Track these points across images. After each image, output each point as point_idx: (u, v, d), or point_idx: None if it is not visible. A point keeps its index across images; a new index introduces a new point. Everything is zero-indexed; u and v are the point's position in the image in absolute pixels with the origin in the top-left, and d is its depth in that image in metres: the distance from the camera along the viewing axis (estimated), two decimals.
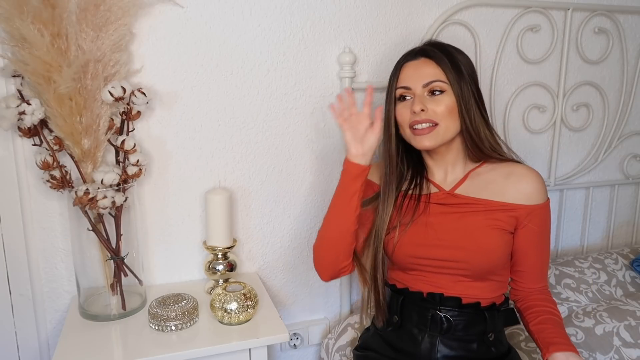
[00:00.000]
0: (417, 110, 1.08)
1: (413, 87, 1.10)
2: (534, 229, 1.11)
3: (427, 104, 1.08)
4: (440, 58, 1.09)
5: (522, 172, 1.12)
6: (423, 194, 1.16)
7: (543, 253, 1.15)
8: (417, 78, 1.10)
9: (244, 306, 1.15)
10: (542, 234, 1.14)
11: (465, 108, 1.09)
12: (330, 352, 1.40)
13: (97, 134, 1.14)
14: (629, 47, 1.69)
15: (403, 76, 1.13)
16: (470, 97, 1.09)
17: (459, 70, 1.09)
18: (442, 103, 1.08)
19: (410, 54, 1.14)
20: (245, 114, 1.34)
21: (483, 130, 1.12)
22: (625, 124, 1.75)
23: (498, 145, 1.15)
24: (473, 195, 1.12)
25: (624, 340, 1.26)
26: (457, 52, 1.13)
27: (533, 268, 1.15)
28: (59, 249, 1.26)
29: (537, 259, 1.14)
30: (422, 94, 1.09)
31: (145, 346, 1.08)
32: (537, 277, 1.16)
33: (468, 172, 1.16)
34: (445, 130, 1.09)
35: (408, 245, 1.12)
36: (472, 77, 1.12)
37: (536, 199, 1.10)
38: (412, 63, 1.12)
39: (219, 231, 1.28)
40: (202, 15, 1.26)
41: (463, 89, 1.08)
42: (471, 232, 1.08)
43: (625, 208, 1.85)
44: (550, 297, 1.17)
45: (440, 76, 1.09)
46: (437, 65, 1.09)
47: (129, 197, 1.18)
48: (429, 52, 1.11)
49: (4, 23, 1.03)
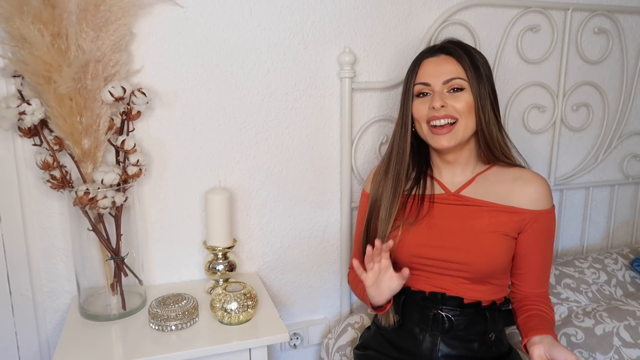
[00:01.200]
0: (437, 106, 1.07)
1: (433, 83, 1.10)
2: (537, 234, 1.10)
3: (447, 100, 1.08)
4: (461, 56, 1.09)
5: (529, 177, 1.12)
6: (427, 194, 1.16)
7: (545, 259, 1.15)
8: (437, 74, 1.09)
9: (244, 306, 1.15)
10: (545, 240, 1.13)
11: (482, 108, 1.09)
12: (330, 352, 1.40)
13: (97, 134, 1.14)
14: (628, 47, 1.69)
15: (422, 72, 1.12)
16: (486, 97, 1.09)
17: (478, 69, 1.09)
18: (462, 99, 1.08)
19: (429, 51, 1.14)
20: (245, 114, 1.34)
21: (496, 132, 1.12)
22: (625, 124, 1.75)
23: (508, 149, 1.15)
24: (479, 197, 1.12)
25: (623, 340, 1.26)
26: (476, 52, 1.13)
27: (533, 273, 1.14)
28: (59, 249, 1.26)
29: (538, 264, 1.14)
30: (442, 91, 1.09)
31: (145, 346, 1.08)
32: (537, 283, 1.15)
33: (476, 174, 1.16)
34: (464, 128, 1.09)
35: (411, 245, 1.12)
36: (489, 77, 1.12)
37: (542, 204, 1.10)
38: (432, 59, 1.12)
39: (219, 231, 1.28)
40: (202, 15, 1.26)
41: (480, 88, 1.08)
42: (475, 235, 1.08)
43: (625, 208, 1.85)
44: (548, 303, 1.16)
45: (460, 73, 1.08)
46: (457, 62, 1.09)
47: (129, 197, 1.18)
48: (449, 49, 1.11)
49: (4, 23, 1.03)
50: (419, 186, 1.17)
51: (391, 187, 1.15)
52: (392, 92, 1.46)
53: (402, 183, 1.15)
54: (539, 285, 1.15)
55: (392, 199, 1.14)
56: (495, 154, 1.13)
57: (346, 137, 1.42)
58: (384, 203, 1.15)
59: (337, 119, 1.43)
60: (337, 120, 1.43)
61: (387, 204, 1.15)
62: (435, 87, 1.10)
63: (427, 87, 1.11)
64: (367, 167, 1.47)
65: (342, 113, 1.41)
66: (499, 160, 1.14)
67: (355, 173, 1.46)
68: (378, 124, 1.47)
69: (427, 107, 1.10)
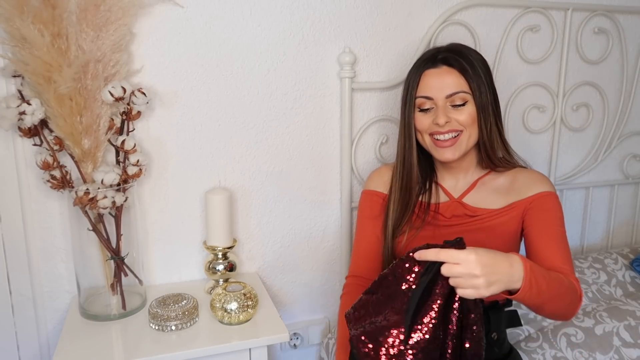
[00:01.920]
0: (442, 122, 1.06)
1: (435, 97, 1.08)
2: (538, 214, 1.07)
3: (450, 115, 1.07)
4: (463, 68, 1.07)
5: (526, 173, 1.13)
6: (432, 202, 1.16)
7: (554, 237, 1.05)
8: (440, 88, 1.07)
9: (244, 306, 1.15)
10: (550, 219, 1.06)
11: (484, 119, 1.08)
12: (330, 351, 1.40)
13: (97, 134, 1.14)
14: (628, 47, 1.69)
15: (424, 85, 1.09)
16: (488, 107, 1.08)
17: (480, 78, 1.07)
18: (465, 112, 1.07)
19: (430, 61, 1.10)
20: (245, 114, 1.34)
21: (497, 141, 1.12)
22: (625, 124, 1.75)
23: (509, 155, 1.15)
24: (480, 205, 1.13)
25: (623, 340, 1.26)
26: (476, 57, 1.11)
27: (545, 251, 1.04)
28: (59, 249, 1.26)
29: (547, 242, 1.04)
30: (445, 105, 1.08)
31: (145, 346, 1.08)
32: (552, 259, 1.02)
33: (476, 180, 1.16)
34: (468, 139, 1.09)
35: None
36: (490, 84, 1.10)
37: (537, 188, 1.10)
38: (434, 71, 1.09)
39: (219, 231, 1.28)
40: (202, 15, 1.26)
41: (483, 98, 1.07)
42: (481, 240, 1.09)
43: (625, 208, 1.85)
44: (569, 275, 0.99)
45: (463, 86, 1.07)
46: (460, 74, 1.07)
47: (129, 197, 1.18)
48: (450, 61, 1.08)
49: (4, 23, 1.03)
50: (425, 193, 1.17)
51: (400, 200, 1.16)
52: (392, 92, 1.46)
53: (412, 196, 1.15)
54: (555, 261, 1.02)
55: (403, 211, 1.15)
56: (495, 162, 1.13)
57: (346, 137, 1.42)
58: (392, 214, 1.16)
59: (337, 119, 1.43)
60: (337, 120, 1.43)
61: (399, 216, 1.15)
62: (438, 102, 1.08)
63: (430, 101, 1.09)
64: (367, 167, 1.47)
65: (342, 113, 1.41)
66: (497, 167, 1.15)
67: (355, 173, 1.46)
68: (378, 124, 1.47)
69: (431, 121, 1.09)
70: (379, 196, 1.22)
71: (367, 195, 1.25)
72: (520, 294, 0.84)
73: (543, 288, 0.87)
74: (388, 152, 1.49)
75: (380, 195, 1.22)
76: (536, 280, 0.85)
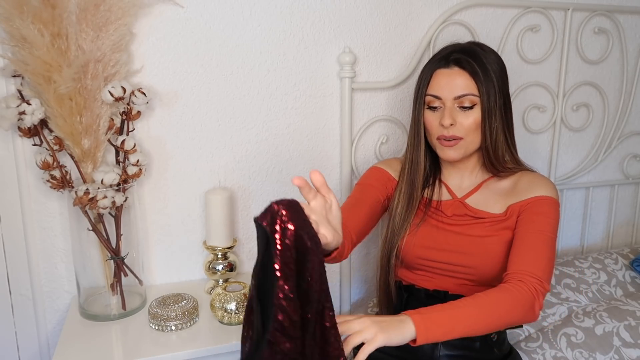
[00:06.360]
0: (447, 124, 1.07)
1: (444, 97, 1.08)
2: (530, 216, 1.06)
3: (457, 117, 1.08)
4: (474, 71, 1.06)
5: (529, 177, 1.14)
6: (434, 199, 1.16)
7: (537, 242, 1.03)
8: (449, 89, 1.08)
9: (244, 306, 1.15)
10: (537, 222, 1.05)
11: (489, 123, 1.08)
12: None
13: (97, 134, 1.14)
14: (628, 47, 1.69)
15: (434, 84, 1.10)
16: (496, 111, 1.08)
17: (490, 81, 1.07)
18: (471, 116, 1.08)
19: (443, 60, 1.10)
20: (245, 114, 1.34)
21: (501, 148, 1.11)
22: (625, 124, 1.75)
23: (516, 162, 1.15)
24: (483, 208, 1.12)
25: (624, 340, 1.26)
26: (491, 57, 1.09)
27: (521, 251, 1.02)
28: (59, 249, 1.26)
29: (523, 247, 1.02)
30: (452, 106, 1.08)
31: (145, 346, 1.08)
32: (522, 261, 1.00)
33: (481, 182, 1.16)
34: (468, 144, 1.10)
35: (417, 246, 1.12)
36: (502, 88, 1.09)
37: (536, 191, 1.09)
38: (445, 71, 1.09)
39: (219, 231, 1.28)
40: (202, 15, 1.26)
41: (491, 102, 1.07)
42: (480, 240, 1.09)
43: (625, 208, 1.85)
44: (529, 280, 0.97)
45: (472, 89, 1.07)
46: (470, 77, 1.07)
47: (129, 197, 1.18)
48: (462, 62, 1.08)
49: (4, 23, 1.03)
50: (429, 189, 1.18)
51: (406, 195, 1.16)
52: (392, 92, 1.46)
53: (418, 193, 1.15)
54: (521, 265, 0.99)
55: (408, 208, 1.15)
56: (498, 168, 1.13)
57: (346, 137, 1.42)
58: (399, 211, 1.16)
59: (337, 119, 1.43)
60: (337, 120, 1.43)
61: (402, 211, 1.15)
62: (446, 102, 1.08)
63: (438, 100, 1.09)
64: (367, 167, 1.46)
65: (342, 113, 1.41)
66: (499, 172, 1.15)
67: (355, 173, 1.46)
68: (378, 124, 1.47)
69: (438, 122, 1.10)
70: (382, 173, 1.21)
71: (372, 168, 1.24)
72: (420, 338, 0.86)
73: (453, 323, 0.89)
74: (388, 152, 1.49)
75: (384, 173, 1.21)
76: (436, 321, 0.88)
